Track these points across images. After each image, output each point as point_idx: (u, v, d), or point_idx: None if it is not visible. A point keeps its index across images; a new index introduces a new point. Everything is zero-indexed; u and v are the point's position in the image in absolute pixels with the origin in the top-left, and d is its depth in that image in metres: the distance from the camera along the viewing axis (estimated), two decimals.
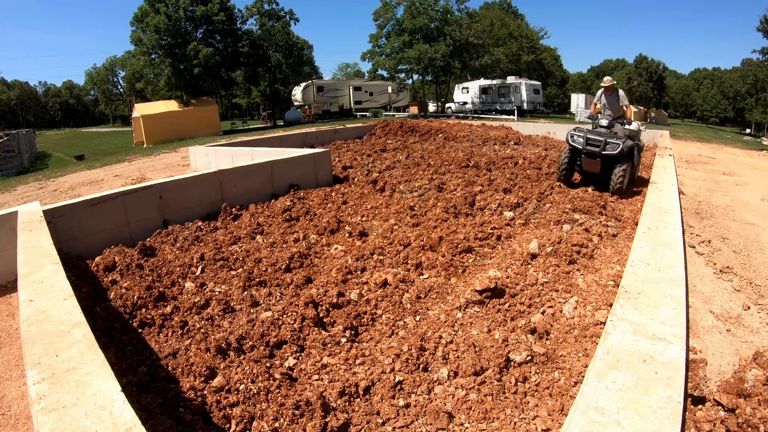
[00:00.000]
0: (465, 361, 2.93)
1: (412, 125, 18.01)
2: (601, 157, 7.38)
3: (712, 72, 78.91)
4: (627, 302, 2.49)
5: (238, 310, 3.89)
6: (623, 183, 7.15)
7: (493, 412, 2.55)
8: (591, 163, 7.59)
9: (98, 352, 2.14)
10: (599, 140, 7.35)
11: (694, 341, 3.49)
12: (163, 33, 28.16)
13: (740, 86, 54.71)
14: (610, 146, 7.23)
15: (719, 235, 6.27)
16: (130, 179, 11.74)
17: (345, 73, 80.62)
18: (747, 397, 2.42)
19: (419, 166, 10.01)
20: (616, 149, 7.15)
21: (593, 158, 7.50)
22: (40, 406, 1.76)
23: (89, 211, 5.39)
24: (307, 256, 5.07)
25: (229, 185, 7.08)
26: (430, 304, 3.90)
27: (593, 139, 7.47)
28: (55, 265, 3.34)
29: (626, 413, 1.65)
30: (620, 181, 7.11)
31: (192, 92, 29.14)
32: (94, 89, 78.44)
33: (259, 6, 35.40)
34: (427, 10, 32.47)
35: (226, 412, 2.63)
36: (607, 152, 7.24)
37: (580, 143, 7.58)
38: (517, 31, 49.77)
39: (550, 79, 55.08)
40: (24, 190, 12.11)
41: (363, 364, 3.05)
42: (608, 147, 7.24)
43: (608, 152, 7.22)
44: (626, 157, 7.27)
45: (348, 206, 7.20)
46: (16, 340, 3.79)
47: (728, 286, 4.59)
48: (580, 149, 7.59)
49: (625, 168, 7.12)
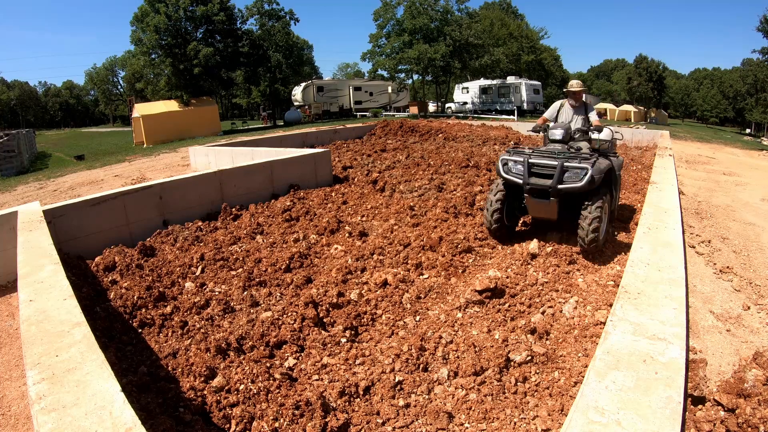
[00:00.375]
0: (465, 361, 2.93)
1: (412, 125, 18.02)
2: (557, 196, 4.54)
3: (712, 72, 78.92)
4: (627, 302, 2.49)
5: (238, 310, 3.89)
6: (599, 232, 4.42)
7: (493, 412, 2.55)
8: (541, 205, 4.71)
9: (98, 352, 2.14)
10: (551, 165, 4.55)
11: (694, 341, 3.49)
12: (163, 33, 28.15)
13: (740, 86, 54.73)
14: (572, 174, 4.46)
15: (719, 235, 6.27)
16: (130, 179, 11.74)
17: (345, 73, 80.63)
18: (747, 397, 2.42)
19: (419, 166, 10.01)
20: (581, 178, 4.38)
21: (543, 198, 4.63)
22: (40, 406, 1.76)
23: (89, 211, 5.39)
24: (307, 256, 5.07)
25: (229, 185, 7.08)
26: (430, 304, 3.91)
27: (541, 164, 4.62)
28: (55, 265, 3.34)
29: (626, 413, 1.65)
30: (595, 230, 4.38)
31: (192, 92, 29.12)
32: (94, 89, 78.41)
33: (259, 6, 35.38)
34: (427, 10, 32.47)
35: (226, 412, 2.63)
36: (567, 186, 4.45)
37: (519, 175, 4.71)
38: (517, 31, 49.77)
39: (550, 79, 55.08)
40: (24, 190, 12.12)
41: (363, 364, 3.05)
42: (568, 176, 4.47)
43: (569, 186, 4.44)
44: (600, 189, 4.57)
45: (348, 206, 7.20)
46: (16, 340, 3.79)
47: (728, 286, 4.59)
48: (521, 184, 4.70)
49: (599, 206, 4.41)
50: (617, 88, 66.57)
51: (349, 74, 75.28)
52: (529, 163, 4.67)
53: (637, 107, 42.91)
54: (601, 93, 70.96)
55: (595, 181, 4.40)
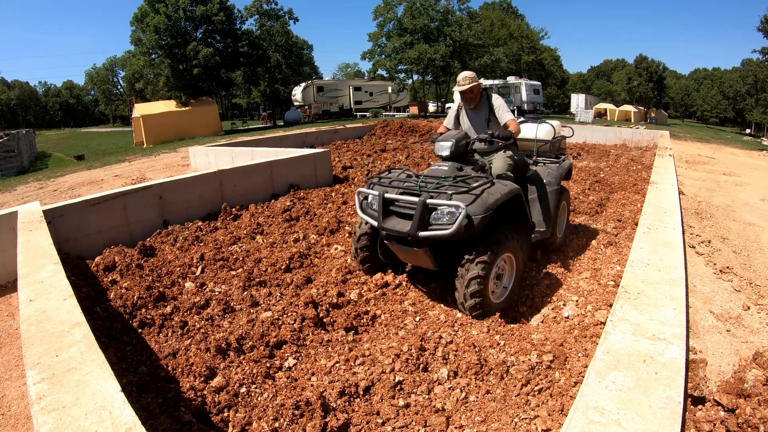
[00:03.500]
0: (465, 361, 2.94)
1: (413, 125, 18.01)
2: (420, 245, 3.40)
3: (712, 72, 78.97)
4: (627, 302, 2.49)
5: (238, 310, 3.89)
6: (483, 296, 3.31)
7: (494, 412, 2.55)
8: (410, 254, 3.58)
9: (98, 352, 2.14)
10: (411, 203, 3.39)
11: (694, 341, 3.49)
12: (162, 33, 28.17)
13: (740, 86, 54.73)
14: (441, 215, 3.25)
15: (719, 236, 6.27)
16: (130, 179, 11.74)
17: (345, 73, 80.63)
18: (747, 397, 2.42)
19: (419, 167, 10.01)
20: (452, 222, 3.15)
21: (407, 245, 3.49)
22: (40, 406, 1.76)
23: (89, 211, 5.39)
24: (307, 256, 5.07)
25: (229, 185, 7.08)
26: (431, 304, 3.90)
27: (400, 202, 3.50)
28: (55, 265, 3.34)
29: (626, 413, 1.65)
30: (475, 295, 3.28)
31: (191, 93, 29.13)
32: (94, 89, 78.43)
33: (258, 6, 35.39)
34: (427, 11, 32.48)
35: (226, 412, 2.63)
36: (431, 232, 3.24)
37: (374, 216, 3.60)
38: (517, 31, 49.81)
39: (550, 80, 55.12)
40: (24, 190, 12.11)
41: (363, 364, 3.05)
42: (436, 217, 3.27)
43: (434, 232, 3.23)
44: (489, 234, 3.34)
45: (348, 206, 7.20)
46: (16, 340, 3.79)
47: (728, 286, 4.59)
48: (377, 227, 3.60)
49: (485, 262, 3.23)
50: (617, 88, 66.59)
51: (349, 74, 75.29)
52: (384, 199, 3.51)
53: (637, 107, 42.93)
54: (601, 93, 70.98)
55: (474, 226, 3.12)
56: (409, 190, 3.53)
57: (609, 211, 6.53)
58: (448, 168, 3.73)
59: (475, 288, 3.26)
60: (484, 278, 3.26)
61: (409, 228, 3.31)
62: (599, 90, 74.71)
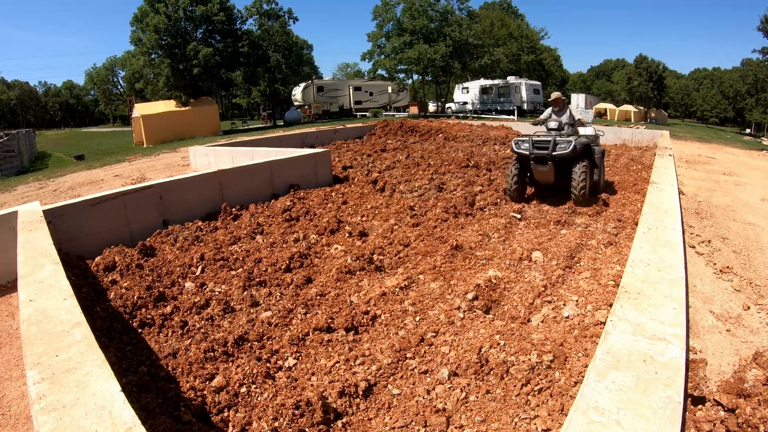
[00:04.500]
0: (465, 361, 2.93)
1: (412, 125, 18.01)
2: (552, 160, 6.60)
3: (712, 72, 78.91)
4: (627, 302, 2.49)
5: (238, 310, 3.89)
6: (586, 184, 6.50)
7: (494, 412, 2.55)
8: (542, 170, 6.79)
9: (98, 352, 2.14)
10: (547, 141, 6.64)
11: (694, 341, 3.49)
12: (162, 33, 28.13)
13: (740, 86, 54.65)
14: (561, 146, 6.53)
15: (719, 235, 6.27)
16: (130, 179, 11.74)
17: (345, 73, 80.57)
18: (747, 397, 2.42)
19: (419, 166, 10.01)
20: (567, 148, 6.46)
21: (543, 164, 6.69)
22: (40, 406, 1.76)
23: (89, 211, 5.38)
24: (307, 256, 5.07)
25: (229, 185, 7.08)
26: (430, 304, 3.90)
27: (541, 141, 6.72)
28: (55, 265, 3.34)
29: (626, 413, 1.65)
30: (582, 182, 6.43)
31: (191, 92, 29.10)
32: (94, 89, 78.32)
33: (258, 6, 35.35)
34: (426, 11, 32.43)
35: (226, 412, 2.63)
36: (558, 153, 6.52)
37: (527, 149, 6.79)
38: (517, 31, 49.74)
39: (550, 79, 55.05)
40: (24, 190, 12.11)
41: (363, 364, 3.05)
42: (559, 147, 6.53)
43: (559, 152, 6.51)
44: (582, 156, 6.69)
45: (348, 206, 7.20)
46: (16, 340, 3.79)
47: (728, 286, 4.59)
48: (528, 155, 6.78)
49: (585, 165, 6.53)
50: (617, 88, 66.56)
51: (349, 74, 75.23)
52: (533, 141, 6.83)
53: (637, 107, 42.88)
54: (601, 93, 70.94)
55: (577, 150, 6.57)
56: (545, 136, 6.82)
57: (609, 211, 6.53)
58: (556, 133, 6.86)
59: (583, 178, 6.50)
60: (585, 175, 6.55)
61: (547, 150, 6.61)
62: (599, 90, 74.66)
